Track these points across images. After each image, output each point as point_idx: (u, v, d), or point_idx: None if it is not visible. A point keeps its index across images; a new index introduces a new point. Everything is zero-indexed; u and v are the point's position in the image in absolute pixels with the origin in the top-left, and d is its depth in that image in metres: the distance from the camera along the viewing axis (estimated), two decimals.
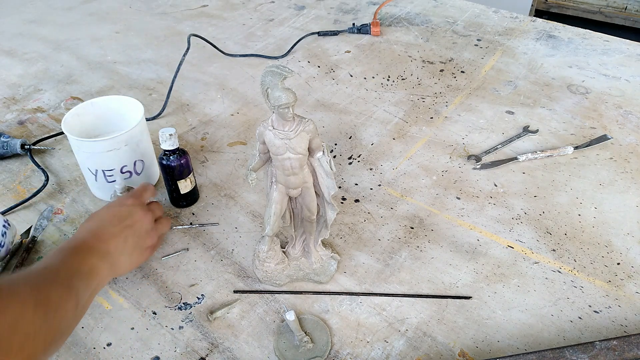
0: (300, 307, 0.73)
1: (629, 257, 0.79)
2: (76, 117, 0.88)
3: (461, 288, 0.75)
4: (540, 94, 1.18)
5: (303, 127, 0.61)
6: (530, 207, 0.88)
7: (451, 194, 0.92)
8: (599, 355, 0.63)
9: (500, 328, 0.70)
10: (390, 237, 0.83)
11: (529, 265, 0.78)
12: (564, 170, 0.96)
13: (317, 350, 0.67)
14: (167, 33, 1.48)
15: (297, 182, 0.65)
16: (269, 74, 0.58)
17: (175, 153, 0.82)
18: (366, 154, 1.01)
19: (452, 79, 1.24)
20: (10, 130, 1.09)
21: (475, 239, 0.83)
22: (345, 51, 1.37)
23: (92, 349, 0.68)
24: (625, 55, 1.32)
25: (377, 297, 0.74)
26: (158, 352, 0.68)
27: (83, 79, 1.27)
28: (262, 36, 1.45)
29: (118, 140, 0.82)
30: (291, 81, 1.22)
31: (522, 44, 1.38)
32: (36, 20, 1.58)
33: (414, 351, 0.67)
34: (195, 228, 0.85)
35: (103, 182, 0.86)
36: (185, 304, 0.73)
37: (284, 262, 0.74)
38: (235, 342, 0.69)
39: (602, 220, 0.86)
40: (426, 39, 1.42)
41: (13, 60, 1.36)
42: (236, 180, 0.95)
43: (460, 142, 1.04)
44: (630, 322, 0.70)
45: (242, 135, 1.07)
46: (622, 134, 1.05)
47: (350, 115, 1.12)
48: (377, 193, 0.92)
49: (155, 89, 1.23)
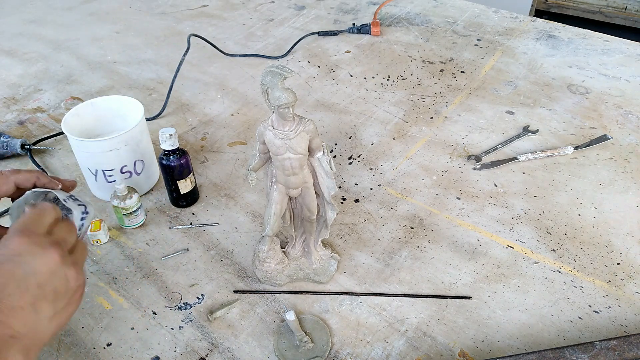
0: (300, 307, 0.73)
1: (629, 257, 0.79)
2: (76, 117, 0.88)
3: (461, 288, 0.75)
4: (540, 94, 1.18)
5: (303, 127, 0.61)
6: (530, 207, 0.88)
7: (451, 194, 0.92)
8: (599, 355, 0.63)
9: (500, 328, 0.70)
10: (390, 237, 0.83)
11: (529, 265, 0.78)
12: (564, 170, 0.96)
13: (317, 350, 0.67)
14: (167, 33, 1.48)
15: (297, 182, 0.65)
16: (269, 74, 0.58)
17: (175, 153, 0.82)
18: (366, 154, 1.01)
19: (452, 79, 1.24)
20: (10, 130, 1.09)
21: (475, 239, 0.83)
22: (345, 51, 1.37)
23: (92, 349, 0.68)
24: (625, 55, 1.32)
25: (377, 297, 0.74)
26: (158, 352, 0.68)
27: (83, 79, 1.27)
28: (262, 36, 1.45)
29: (118, 140, 0.82)
30: (291, 81, 1.22)
31: (522, 44, 1.38)
32: (36, 20, 1.58)
33: (414, 351, 0.67)
34: (195, 228, 0.85)
35: (103, 182, 0.86)
36: (185, 304, 0.73)
37: (284, 262, 0.74)
38: (235, 342, 0.69)
39: (602, 220, 0.86)
40: (426, 39, 1.42)
41: (13, 60, 1.36)
42: (236, 180, 0.95)
43: (460, 142, 1.04)
44: (630, 322, 0.70)
45: (242, 135, 1.07)
46: (622, 134, 1.05)
47: (350, 115, 1.12)
48: (377, 193, 0.92)
49: (155, 89, 1.23)
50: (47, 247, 0.48)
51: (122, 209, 0.81)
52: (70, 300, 0.50)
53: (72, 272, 0.50)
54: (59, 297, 0.49)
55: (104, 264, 0.80)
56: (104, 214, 0.88)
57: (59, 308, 0.49)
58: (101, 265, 0.79)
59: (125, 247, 0.82)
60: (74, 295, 0.51)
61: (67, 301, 0.50)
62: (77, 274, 0.51)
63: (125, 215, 0.82)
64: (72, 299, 0.50)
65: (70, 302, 0.50)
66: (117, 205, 0.81)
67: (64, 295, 0.49)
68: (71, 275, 0.50)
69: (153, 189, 0.93)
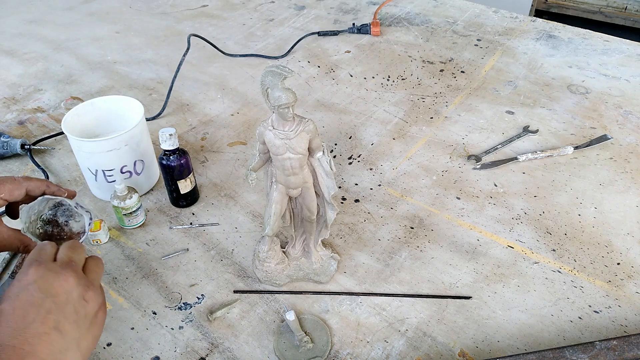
0: (300, 307, 0.73)
1: (629, 257, 0.79)
2: (76, 117, 0.88)
3: (461, 288, 0.75)
4: (540, 94, 1.18)
5: (303, 127, 0.61)
6: (530, 207, 0.88)
7: (451, 194, 0.92)
8: (599, 355, 0.63)
9: (500, 328, 0.70)
10: (390, 237, 0.83)
11: (529, 265, 0.78)
12: (564, 170, 0.96)
13: (317, 350, 0.67)
14: (167, 33, 1.48)
15: (297, 182, 0.65)
16: (269, 74, 0.58)
17: (175, 153, 0.82)
18: (366, 154, 1.01)
19: (452, 79, 1.24)
20: (10, 130, 1.09)
21: (475, 239, 0.83)
22: (345, 51, 1.37)
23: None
24: (625, 55, 1.32)
25: (377, 297, 0.74)
26: (158, 352, 0.68)
27: (83, 79, 1.27)
28: (262, 36, 1.45)
29: (118, 140, 0.82)
30: (291, 81, 1.22)
31: (522, 44, 1.38)
32: (36, 20, 1.58)
33: (414, 351, 0.67)
34: (195, 228, 0.85)
35: (103, 182, 0.86)
36: (185, 304, 0.73)
37: (284, 262, 0.74)
38: (235, 342, 0.69)
39: (602, 220, 0.86)
40: (426, 39, 1.42)
41: (13, 60, 1.36)
42: (236, 180, 0.95)
43: (460, 142, 1.04)
44: (630, 322, 0.70)
45: (242, 135, 1.07)
46: (622, 134, 1.05)
47: (350, 115, 1.12)
48: (377, 193, 0.92)
49: (155, 89, 1.23)
50: (59, 271, 0.49)
51: (122, 209, 0.81)
52: (94, 321, 0.50)
53: (90, 293, 0.50)
54: (81, 318, 0.48)
55: (104, 264, 0.79)
56: (104, 214, 0.88)
57: (84, 330, 0.48)
58: None
59: (125, 247, 0.82)
60: (97, 316, 0.51)
61: (90, 321, 0.50)
62: (95, 293, 0.51)
63: (125, 215, 0.82)
64: (95, 320, 0.50)
65: (93, 323, 0.50)
66: (117, 205, 0.81)
67: (85, 316, 0.49)
68: (89, 296, 0.50)
69: (153, 189, 0.93)
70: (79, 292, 0.49)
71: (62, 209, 0.62)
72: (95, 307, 0.50)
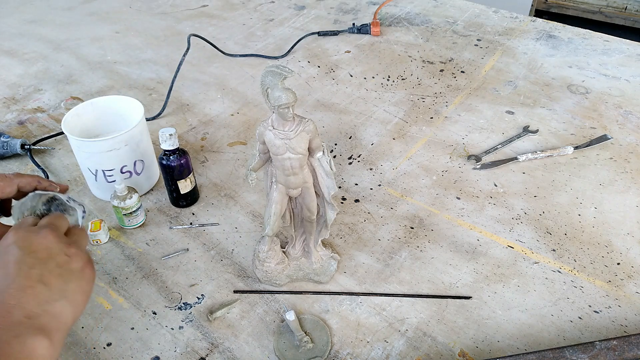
0: (300, 307, 0.73)
1: (629, 257, 0.79)
2: (76, 117, 0.88)
3: (461, 288, 0.75)
4: (540, 94, 1.18)
5: (303, 127, 0.61)
6: (530, 207, 0.88)
7: (451, 194, 0.92)
8: (599, 355, 0.63)
9: (500, 328, 0.70)
10: (390, 237, 0.83)
11: (529, 265, 0.78)
12: (564, 170, 0.96)
13: (317, 350, 0.67)
14: (167, 33, 1.48)
15: (297, 182, 0.65)
16: (269, 74, 0.58)
17: (175, 153, 0.82)
18: (366, 154, 1.01)
19: (452, 79, 1.24)
20: (10, 130, 1.09)
21: (475, 239, 0.83)
22: (345, 51, 1.37)
23: (92, 349, 0.68)
24: (625, 55, 1.32)
25: (377, 297, 0.74)
26: (158, 352, 0.68)
27: (83, 79, 1.27)
28: (262, 36, 1.45)
29: (118, 140, 0.82)
30: (291, 81, 1.22)
31: (522, 44, 1.38)
32: (36, 20, 1.58)
33: (414, 351, 0.67)
34: (195, 228, 0.85)
35: (103, 182, 0.86)
36: (185, 304, 0.73)
37: (284, 262, 0.74)
38: (235, 342, 0.69)
39: (602, 220, 0.86)
40: (426, 39, 1.42)
41: (13, 60, 1.36)
42: (236, 180, 0.95)
43: (460, 142, 1.04)
44: (630, 322, 0.70)
45: (242, 135, 1.07)
46: (622, 134, 1.05)
47: (350, 115, 1.12)
48: (377, 193, 0.92)
49: (155, 89, 1.23)
50: (38, 230, 0.50)
51: (122, 209, 0.81)
52: (81, 276, 0.50)
53: (72, 249, 0.50)
54: (66, 272, 0.49)
55: (104, 264, 0.80)
56: (104, 214, 0.88)
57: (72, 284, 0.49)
58: (101, 265, 0.79)
59: (125, 247, 0.82)
60: (83, 273, 0.50)
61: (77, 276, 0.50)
62: (78, 250, 0.51)
63: (125, 215, 0.82)
64: (82, 275, 0.50)
65: (81, 277, 0.50)
66: (117, 205, 0.81)
67: (70, 271, 0.49)
68: (71, 252, 0.50)
69: (153, 189, 0.93)
70: (60, 248, 0.49)
71: (55, 203, 0.61)
72: (79, 263, 0.50)
